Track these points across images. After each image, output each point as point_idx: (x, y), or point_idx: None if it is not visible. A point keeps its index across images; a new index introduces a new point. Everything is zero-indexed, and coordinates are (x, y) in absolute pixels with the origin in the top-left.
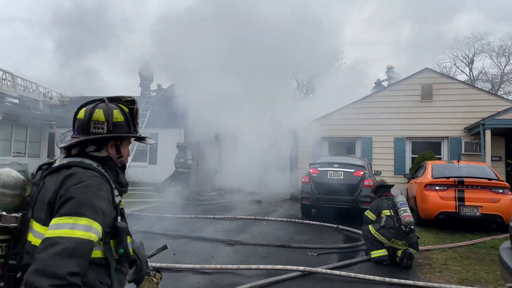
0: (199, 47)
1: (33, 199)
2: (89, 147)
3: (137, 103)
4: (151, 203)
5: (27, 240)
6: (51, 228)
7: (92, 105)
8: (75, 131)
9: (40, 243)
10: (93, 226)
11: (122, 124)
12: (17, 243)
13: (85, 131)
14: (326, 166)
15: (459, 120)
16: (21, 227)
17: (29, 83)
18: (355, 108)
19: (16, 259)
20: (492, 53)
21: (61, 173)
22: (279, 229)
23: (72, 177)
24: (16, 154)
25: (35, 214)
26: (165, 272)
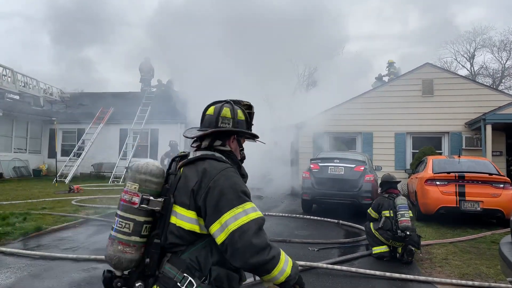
0: (198, 39)
1: (173, 187)
2: (216, 142)
3: (253, 108)
4: None
5: (170, 222)
6: (230, 222)
7: (220, 104)
8: (204, 126)
9: (230, 235)
10: (254, 206)
11: (243, 122)
12: (158, 225)
13: (213, 126)
14: (327, 162)
15: (460, 115)
16: (163, 211)
17: (29, 79)
18: (356, 103)
19: (160, 239)
20: (493, 47)
21: (198, 165)
22: (280, 224)
23: (211, 169)
24: (17, 150)
25: (178, 200)
26: None
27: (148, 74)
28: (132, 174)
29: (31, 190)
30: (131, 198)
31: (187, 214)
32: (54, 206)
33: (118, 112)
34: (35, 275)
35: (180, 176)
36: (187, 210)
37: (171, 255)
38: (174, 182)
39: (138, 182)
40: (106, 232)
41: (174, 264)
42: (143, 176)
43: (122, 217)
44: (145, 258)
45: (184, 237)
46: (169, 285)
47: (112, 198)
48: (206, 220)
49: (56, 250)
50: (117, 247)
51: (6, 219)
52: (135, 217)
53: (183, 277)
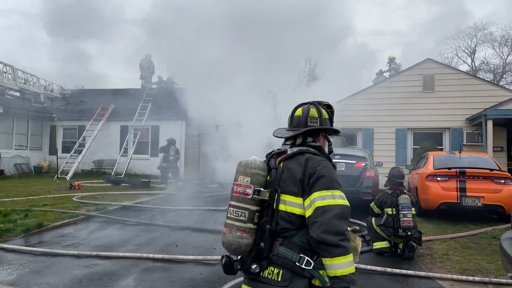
0: (199, 34)
1: (277, 179)
2: (308, 138)
3: (333, 107)
4: (154, 195)
5: (280, 210)
6: (317, 199)
7: (306, 105)
8: (293, 126)
9: (314, 210)
10: (344, 195)
11: (327, 120)
12: (266, 212)
13: (303, 125)
14: None
15: (460, 110)
16: (270, 200)
17: (29, 76)
18: (357, 99)
19: (271, 225)
20: (494, 43)
21: (298, 158)
22: None
23: (311, 160)
24: (18, 147)
25: (286, 189)
26: (168, 264)
27: (149, 71)
28: (243, 169)
29: (32, 187)
30: (245, 190)
31: (296, 200)
32: (55, 202)
33: (119, 108)
34: (37, 272)
35: (282, 169)
36: (296, 197)
37: (282, 239)
38: (277, 175)
39: (249, 176)
40: (108, 228)
41: (288, 246)
42: (253, 171)
43: (238, 207)
44: (259, 242)
45: (295, 221)
46: (288, 265)
47: (113, 195)
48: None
49: (58, 246)
50: (236, 233)
51: (8, 216)
52: (249, 206)
53: (300, 257)
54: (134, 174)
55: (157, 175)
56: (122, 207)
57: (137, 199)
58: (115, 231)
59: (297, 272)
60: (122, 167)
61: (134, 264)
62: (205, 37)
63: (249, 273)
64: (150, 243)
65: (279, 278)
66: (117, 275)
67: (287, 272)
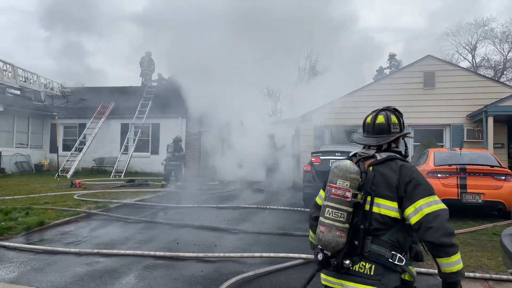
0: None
1: (369, 183)
2: (392, 144)
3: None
4: (155, 193)
5: (373, 212)
6: (424, 206)
7: (384, 112)
8: (376, 132)
9: (425, 216)
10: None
11: (402, 125)
12: (357, 213)
13: (386, 132)
14: (328, 155)
15: (461, 107)
16: (362, 202)
17: (30, 74)
18: (357, 96)
19: (364, 225)
20: (495, 39)
21: (390, 164)
22: (282, 218)
23: (405, 168)
24: (19, 145)
25: (380, 193)
26: (169, 261)
27: (149, 69)
28: (342, 174)
29: (33, 185)
30: (344, 193)
31: (391, 204)
32: (56, 200)
33: (119, 106)
34: (38, 269)
35: (373, 173)
36: (391, 202)
37: (372, 238)
38: (369, 179)
39: (349, 180)
40: (109, 226)
41: (379, 244)
42: (352, 176)
43: (337, 209)
44: (352, 240)
45: (387, 223)
46: (381, 260)
47: (114, 193)
48: (402, 205)
49: (59, 244)
50: (335, 233)
51: (9, 214)
52: (347, 208)
53: (392, 254)
54: (135, 172)
55: (157, 172)
56: (123, 205)
57: (137, 196)
58: (116, 229)
59: (390, 267)
60: (122, 165)
61: (135, 261)
62: (206, 33)
63: (341, 267)
64: (151, 241)
65: (371, 272)
66: (118, 272)
67: (379, 267)
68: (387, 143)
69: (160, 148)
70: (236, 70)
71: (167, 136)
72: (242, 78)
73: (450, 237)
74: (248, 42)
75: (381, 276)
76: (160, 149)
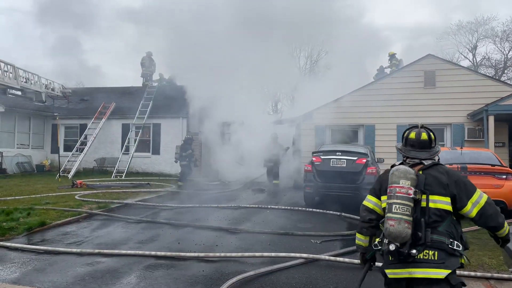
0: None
1: (422, 183)
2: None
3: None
4: (156, 193)
5: (430, 207)
6: (478, 200)
7: (424, 130)
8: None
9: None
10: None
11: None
12: (415, 209)
13: (428, 146)
14: (329, 154)
15: (462, 106)
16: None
17: (31, 74)
18: (358, 95)
19: (424, 218)
20: (495, 38)
21: (436, 169)
22: (283, 217)
23: (449, 170)
24: (20, 146)
25: (434, 191)
26: (170, 261)
27: (150, 69)
28: (404, 175)
29: (34, 185)
30: (407, 191)
31: (445, 199)
32: (57, 201)
33: (120, 107)
34: (40, 270)
35: (425, 176)
36: (444, 197)
37: (431, 229)
38: (421, 181)
39: (409, 180)
40: (110, 226)
41: (439, 234)
42: (411, 176)
43: (403, 204)
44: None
45: (442, 215)
46: (443, 247)
47: (115, 193)
48: (458, 202)
49: (60, 244)
50: (404, 225)
51: (10, 214)
52: (410, 203)
53: (450, 242)
54: (136, 172)
55: (158, 172)
56: (124, 205)
57: (139, 197)
58: (117, 229)
59: (451, 253)
60: (124, 165)
61: (137, 261)
62: (206, 32)
63: (408, 256)
64: (152, 241)
65: (435, 258)
66: (119, 272)
67: (442, 253)
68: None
69: (161, 148)
70: (237, 69)
71: (168, 136)
72: (243, 77)
73: (501, 215)
74: (249, 40)
75: (444, 260)
76: (161, 149)
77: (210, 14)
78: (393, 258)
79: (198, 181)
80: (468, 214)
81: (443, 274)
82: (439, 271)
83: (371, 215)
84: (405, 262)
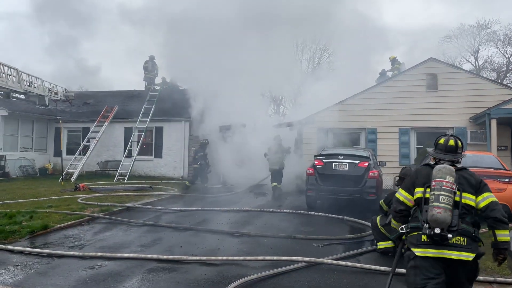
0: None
1: (456, 181)
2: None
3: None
4: (158, 196)
5: (462, 201)
6: (489, 196)
7: (451, 137)
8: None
9: (490, 203)
10: None
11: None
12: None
13: (454, 151)
14: (331, 158)
15: (464, 110)
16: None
17: (34, 78)
18: (359, 99)
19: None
20: (497, 41)
21: (466, 171)
22: (285, 221)
23: (474, 174)
24: (23, 149)
25: (465, 189)
26: (172, 264)
27: (153, 73)
28: (449, 172)
29: (37, 188)
30: (452, 186)
31: (472, 197)
32: (60, 204)
33: (123, 110)
34: (42, 273)
35: (457, 176)
36: (472, 195)
37: (461, 219)
38: (455, 180)
39: (453, 176)
40: (112, 229)
41: (466, 223)
42: (454, 174)
43: (448, 196)
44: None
45: (469, 209)
46: (469, 235)
47: (118, 196)
48: (476, 197)
49: (63, 248)
50: (448, 213)
51: (13, 218)
52: (452, 196)
53: (474, 230)
54: (138, 175)
55: (160, 176)
56: (126, 208)
57: (141, 200)
58: (120, 232)
59: (474, 239)
60: (126, 169)
61: (139, 264)
62: (210, 35)
63: (445, 239)
64: (154, 244)
65: (465, 243)
66: (121, 276)
67: (469, 239)
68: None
69: (163, 151)
70: (239, 72)
71: (171, 139)
72: (245, 80)
73: (505, 217)
74: (252, 42)
75: (470, 245)
76: (164, 153)
77: (214, 16)
78: (428, 240)
79: (200, 184)
80: (478, 205)
81: (471, 257)
82: (468, 254)
83: (401, 206)
84: (440, 244)
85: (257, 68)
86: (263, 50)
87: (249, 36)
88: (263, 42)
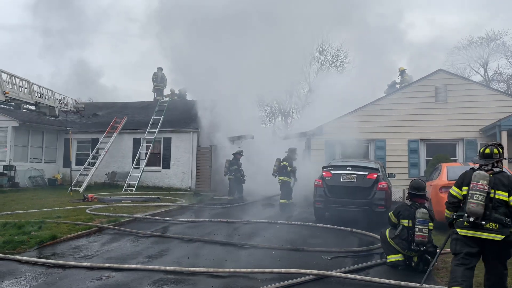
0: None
1: (491, 182)
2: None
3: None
4: (166, 207)
5: (495, 197)
6: None
7: (490, 146)
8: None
9: None
10: None
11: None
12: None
13: (490, 157)
14: (339, 169)
15: (474, 121)
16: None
17: (45, 90)
18: (369, 110)
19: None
20: (507, 53)
21: (502, 174)
22: (293, 233)
23: (509, 176)
24: (33, 160)
25: (498, 188)
26: (179, 276)
27: (161, 84)
28: (483, 177)
29: (46, 199)
30: (484, 187)
31: (504, 193)
32: (68, 214)
33: (132, 121)
34: (50, 283)
35: (494, 178)
36: (504, 192)
37: (494, 210)
38: (491, 181)
39: (486, 180)
40: (120, 240)
41: (499, 214)
42: (487, 178)
43: (480, 195)
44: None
45: (502, 203)
46: (501, 221)
47: (126, 207)
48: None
49: (71, 258)
50: (480, 207)
51: (22, 228)
52: (484, 194)
53: (505, 219)
54: (146, 186)
55: (168, 186)
56: (134, 219)
57: (148, 211)
58: (127, 243)
59: (505, 226)
60: (134, 179)
61: (146, 276)
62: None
63: (479, 225)
64: (162, 255)
65: (496, 228)
66: (129, 287)
67: (500, 225)
68: (496, 162)
69: (171, 162)
70: (248, 84)
71: (179, 150)
72: (253, 92)
73: None
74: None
75: (501, 229)
76: (172, 164)
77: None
78: (468, 225)
79: (207, 195)
80: (511, 202)
81: (500, 238)
82: (498, 236)
83: (454, 199)
84: (476, 227)
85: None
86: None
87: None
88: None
